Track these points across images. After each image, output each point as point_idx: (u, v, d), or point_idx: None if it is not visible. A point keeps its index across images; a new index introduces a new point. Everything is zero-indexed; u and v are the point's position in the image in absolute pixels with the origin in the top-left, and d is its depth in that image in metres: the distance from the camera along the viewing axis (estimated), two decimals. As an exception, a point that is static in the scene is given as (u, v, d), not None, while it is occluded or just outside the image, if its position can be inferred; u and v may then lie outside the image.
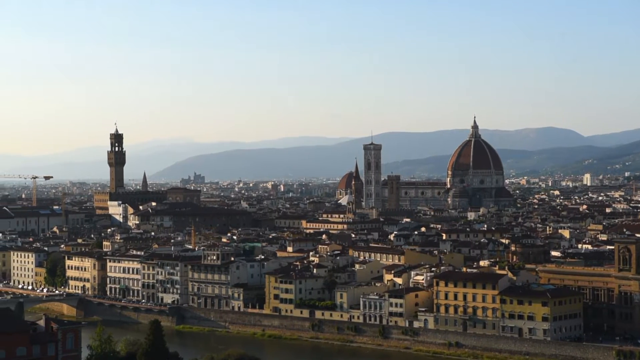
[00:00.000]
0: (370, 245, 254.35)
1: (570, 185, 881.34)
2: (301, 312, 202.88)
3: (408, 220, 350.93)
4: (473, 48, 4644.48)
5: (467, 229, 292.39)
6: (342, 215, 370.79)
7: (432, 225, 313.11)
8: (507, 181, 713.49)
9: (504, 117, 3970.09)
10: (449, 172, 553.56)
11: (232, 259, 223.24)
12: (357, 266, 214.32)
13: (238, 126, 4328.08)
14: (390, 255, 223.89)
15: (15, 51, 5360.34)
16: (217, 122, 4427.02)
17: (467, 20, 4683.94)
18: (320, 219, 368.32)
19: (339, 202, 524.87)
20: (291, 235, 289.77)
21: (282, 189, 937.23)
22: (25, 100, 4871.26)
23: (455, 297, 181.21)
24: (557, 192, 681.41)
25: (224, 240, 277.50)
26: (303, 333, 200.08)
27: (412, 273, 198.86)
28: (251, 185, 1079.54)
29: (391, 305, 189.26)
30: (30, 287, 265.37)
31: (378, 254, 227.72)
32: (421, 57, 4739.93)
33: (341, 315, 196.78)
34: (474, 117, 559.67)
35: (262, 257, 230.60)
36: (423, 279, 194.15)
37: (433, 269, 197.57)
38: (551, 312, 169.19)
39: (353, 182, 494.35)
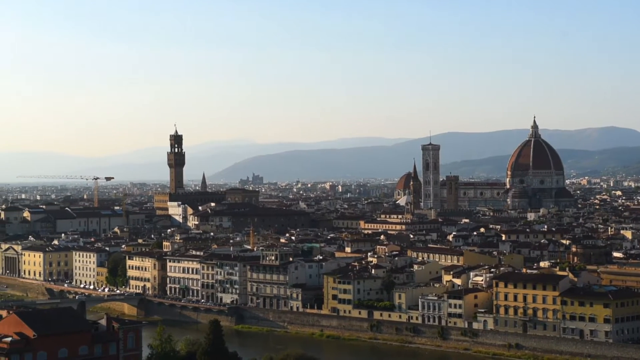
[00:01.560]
0: (429, 246, 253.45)
1: (633, 186, 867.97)
2: (359, 313, 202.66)
3: (467, 220, 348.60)
4: (533, 48, 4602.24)
5: (527, 230, 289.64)
6: (400, 216, 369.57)
7: (491, 226, 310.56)
8: (567, 181, 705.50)
9: (564, 116, 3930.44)
10: (509, 173, 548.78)
11: (291, 259, 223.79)
12: (415, 267, 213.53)
13: (297, 127, 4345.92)
14: (449, 256, 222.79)
15: (80, 54, 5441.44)
16: (276, 123, 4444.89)
17: (527, 20, 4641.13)
18: (378, 219, 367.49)
19: (397, 202, 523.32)
20: (349, 236, 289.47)
21: (340, 190, 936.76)
22: (87, 102, 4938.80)
23: (515, 299, 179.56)
24: (619, 193, 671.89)
25: (282, 240, 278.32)
26: (361, 334, 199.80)
27: (471, 274, 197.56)
28: (309, 186, 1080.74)
29: (450, 306, 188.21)
30: (91, 287, 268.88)
31: (437, 255, 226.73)
32: (481, 57, 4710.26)
33: (400, 316, 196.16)
34: (534, 117, 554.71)
35: (321, 257, 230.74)
36: (482, 280, 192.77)
37: (492, 270, 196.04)
38: (613, 313, 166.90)
39: (411, 183, 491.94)
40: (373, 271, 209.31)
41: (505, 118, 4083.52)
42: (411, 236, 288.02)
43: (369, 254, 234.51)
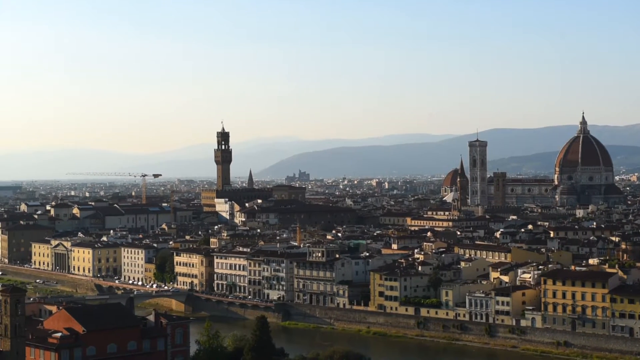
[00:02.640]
0: (476, 242, 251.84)
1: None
2: (406, 310, 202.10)
3: (514, 217, 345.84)
4: (581, 43, 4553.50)
5: (576, 227, 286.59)
6: (447, 213, 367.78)
7: (539, 223, 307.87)
8: (617, 178, 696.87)
9: (613, 112, 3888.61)
10: (557, 169, 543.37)
11: (337, 256, 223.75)
12: (462, 264, 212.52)
13: (343, 124, 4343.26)
14: (497, 253, 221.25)
15: (129, 51, 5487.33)
16: (323, 119, 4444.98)
17: (576, 14, 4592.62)
18: (425, 216, 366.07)
19: (444, 199, 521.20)
20: (396, 233, 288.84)
21: (386, 186, 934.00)
22: (136, 100, 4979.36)
23: (564, 296, 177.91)
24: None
25: (328, 237, 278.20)
26: (408, 331, 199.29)
27: (519, 271, 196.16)
28: (356, 182, 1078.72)
29: (498, 304, 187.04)
30: (140, 283, 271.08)
31: (484, 252, 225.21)
32: (528, 53, 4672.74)
33: (447, 313, 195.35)
34: (583, 113, 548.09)
35: (367, 254, 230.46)
36: (530, 277, 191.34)
37: (540, 267, 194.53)
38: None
39: (458, 179, 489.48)
40: (420, 268, 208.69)
41: (554, 114, 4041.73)
42: (458, 233, 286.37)
43: (416, 250, 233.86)
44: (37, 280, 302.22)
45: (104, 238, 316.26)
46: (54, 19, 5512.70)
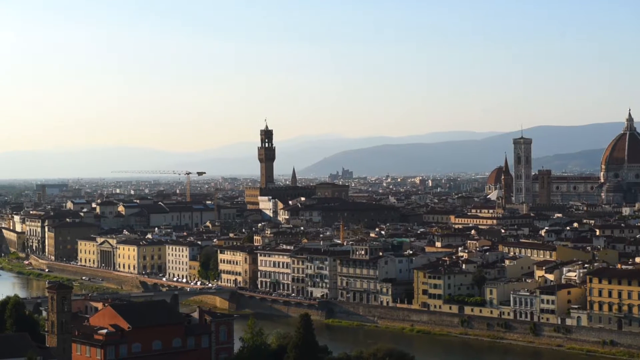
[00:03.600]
0: (521, 240, 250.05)
1: None
2: (450, 308, 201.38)
3: (559, 215, 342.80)
4: (627, 39, 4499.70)
5: (622, 225, 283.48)
6: (491, 211, 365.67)
7: (584, 221, 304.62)
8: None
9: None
10: (603, 166, 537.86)
11: (381, 253, 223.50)
12: (507, 262, 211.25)
13: (386, 121, 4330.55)
14: (541, 251, 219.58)
15: (174, 50, 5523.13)
16: (366, 117, 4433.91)
17: (621, 11, 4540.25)
18: (469, 214, 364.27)
19: (488, 197, 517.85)
20: (439, 231, 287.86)
21: (430, 184, 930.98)
22: (179, 98, 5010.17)
23: (610, 295, 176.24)
24: None
25: (372, 235, 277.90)
26: (452, 329, 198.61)
27: (564, 269, 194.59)
28: (399, 180, 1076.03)
29: (542, 302, 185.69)
30: (184, 280, 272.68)
31: (528, 250, 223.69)
32: (573, 49, 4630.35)
33: (491, 312, 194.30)
34: (629, 110, 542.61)
35: (411, 252, 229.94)
36: (575, 276, 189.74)
37: (586, 265, 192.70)
38: None
39: (502, 177, 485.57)
40: (464, 266, 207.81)
41: (599, 111, 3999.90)
42: (502, 231, 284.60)
43: (460, 248, 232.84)
44: (83, 278, 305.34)
45: (149, 235, 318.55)
46: (104, 18, 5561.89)
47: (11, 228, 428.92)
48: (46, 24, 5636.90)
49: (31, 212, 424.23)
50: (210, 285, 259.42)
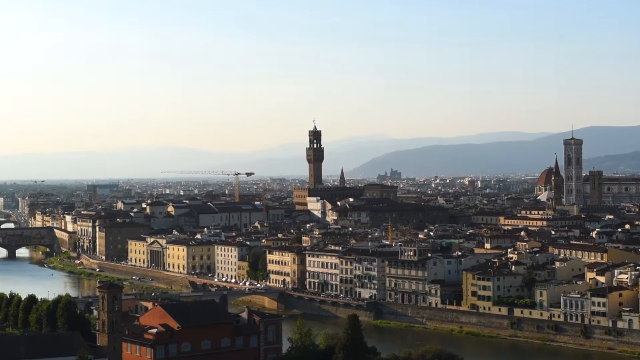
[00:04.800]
0: (571, 242, 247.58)
1: None
2: (499, 310, 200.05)
3: (611, 217, 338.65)
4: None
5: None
6: (541, 212, 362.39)
7: (637, 223, 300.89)
8: None
9: None
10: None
11: (429, 255, 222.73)
12: (557, 264, 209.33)
13: (435, 122, 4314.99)
14: (592, 253, 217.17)
15: (222, 50, 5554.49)
16: (414, 118, 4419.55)
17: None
18: (518, 215, 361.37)
19: (538, 198, 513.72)
20: (489, 232, 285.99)
21: (479, 185, 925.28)
22: (230, 98, 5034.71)
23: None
24: None
25: (420, 236, 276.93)
26: (501, 331, 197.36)
27: (616, 272, 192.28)
28: (448, 181, 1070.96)
29: (593, 305, 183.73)
30: (233, 280, 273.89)
31: (579, 252, 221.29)
32: (625, 49, 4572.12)
33: (541, 314, 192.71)
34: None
35: (459, 253, 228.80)
36: (627, 278, 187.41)
37: (638, 267, 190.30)
38: None
39: (553, 178, 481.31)
40: (513, 268, 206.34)
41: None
42: (553, 232, 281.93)
43: (509, 250, 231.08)
44: (133, 277, 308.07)
45: (198, 236, 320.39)
46: (155, 19, 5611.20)
47: (63, 228, 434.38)
48: (95, 26, 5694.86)
49: (82, 212, 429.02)
50: (258, 285, 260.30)
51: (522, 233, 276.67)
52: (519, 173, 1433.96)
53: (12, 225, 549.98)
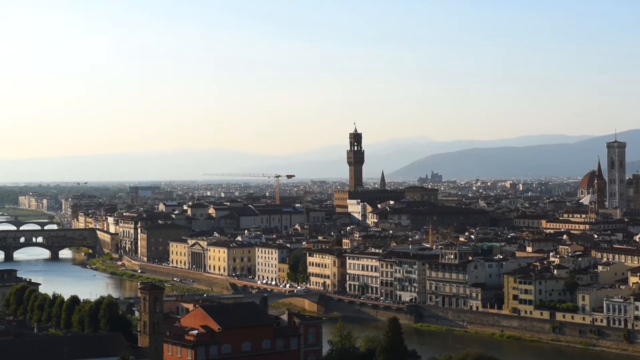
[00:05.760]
0: (614, 246, 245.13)
1: None
2: (541, 314, 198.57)
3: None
4: None
5: None
6: (583, 215, 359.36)
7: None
8: None
9: None
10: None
11: (470, 258, 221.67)
12: (600, 268, 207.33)
13: (476, 124, 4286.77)
14: (636, 257, 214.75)
15: (264, 53, 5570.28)
16: (455, 120, 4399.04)
17: None
18: (560, 218, 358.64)
19: (580, 201, 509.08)
20: (530, 235, 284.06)
21: (521, 188, 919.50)
22: (271, 101, 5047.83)
23: None
24: None
25: (461, 239, 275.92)
26: (543, 335, 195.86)
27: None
28: (489, 184, 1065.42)
29: (637, 309, 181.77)
30: (273, 283, 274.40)
31: (622, 256, 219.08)
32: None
33: (583, 318, 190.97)
34: None
35: (501, 256, 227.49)
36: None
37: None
38: None
39: (595, 181, 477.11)
40: (555, 271, 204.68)
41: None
42: (595, 236, 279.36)
43: (551, 253, 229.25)
44: (175, 279, 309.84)
45: (239, 238, 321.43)
46: (198, 21, 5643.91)
47: (105, 229, 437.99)
48: (138, 28, 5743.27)
49: (124, 213, 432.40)
50: (298, 287, 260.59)
51: (565, 236, 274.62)
52: (561, 176, 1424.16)
53: (55, 227, 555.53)
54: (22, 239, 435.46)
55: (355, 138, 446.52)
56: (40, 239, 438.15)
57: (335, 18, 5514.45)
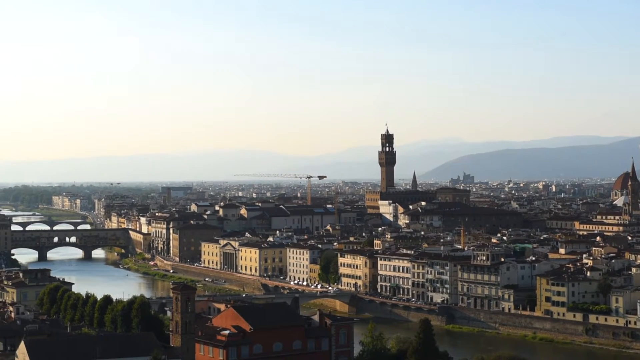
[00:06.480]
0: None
1: None
2: (574, 316, 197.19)
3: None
4: None
5: None
6: (617, 217, 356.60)
7: None
8: None
9: None
10: None
11: (502, 259, 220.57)
12: (633, 270, 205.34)
13: (508, 125, 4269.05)
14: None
15: (296, 54, 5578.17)
16: (487, 121, 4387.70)
17: None
18: (594, 220, 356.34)
19: (614, 203, 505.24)
20: (563, 237, 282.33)
21: (553, 189, 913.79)
22: (303, 102, 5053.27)
23: None
24: None
25: (493, 240, 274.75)
26: (576, 337, 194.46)
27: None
28: (521, 185, 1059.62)
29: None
30: (304, 283, 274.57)
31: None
32: None
33: (617, 320, 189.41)
34: None
35: (533, 258, 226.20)
36: None
37: None
38: None
39: (629, 183, 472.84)
40: (588, 273, 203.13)
41: None
42: (629, 238, 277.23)
43: (584, 255, 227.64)
44: (206, 279, 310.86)
45: (270, 238, 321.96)
46: (231, 23, 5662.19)
47: (138, 229, 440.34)
48: (170, 29, 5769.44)
49: (157, 214, 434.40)
50: (330, 288, 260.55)
51: (598, 238, 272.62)
52: (595, 177, 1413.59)
53: (88, 227, 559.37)
54: (55, 239, 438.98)
55: (387, 139, 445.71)
56: (73, 239, 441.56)
57: (367, 19, 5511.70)
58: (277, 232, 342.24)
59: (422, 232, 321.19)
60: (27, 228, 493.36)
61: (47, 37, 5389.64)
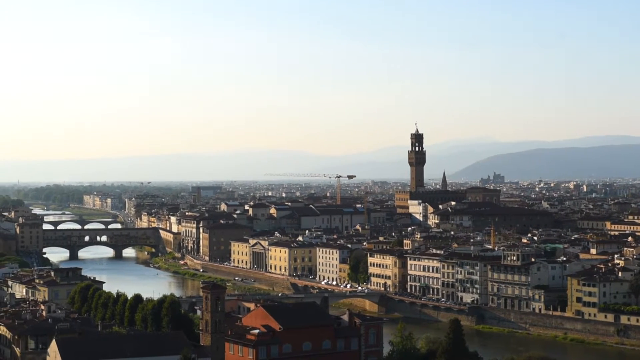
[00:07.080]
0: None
1: None
2: (605, 317, 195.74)
3: None
4: None
5: None
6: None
7: None
8: None
9: None
10: None
11: (533, 260, 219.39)
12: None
13: (539, 125, 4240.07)
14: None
15: (326, 54, 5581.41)
16: (518, 120, 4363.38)
17: None
18: (625, 220, 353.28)
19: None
20: (594, 237, 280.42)
21: (584, 189, 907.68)
22: (332, 102, 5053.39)
23: None
24: None
25: (524, 240, 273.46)
26: (607, 338, 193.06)
27: None
28: (552, 185, 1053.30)
29: None
30: (334, 283, 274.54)
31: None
32: None
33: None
34: None
35: (564, 258, 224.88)
36: None
37: None
38: None
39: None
40: (620, 274, 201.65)
41: None
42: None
43: (616, 256, 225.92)
44: (236, 278, 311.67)
45: (300, 238, 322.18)
46: (262, 23, 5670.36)
47: (168, 229, 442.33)
48: (201, 29, 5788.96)
49: (187, 213, 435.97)
50: (359, 288, 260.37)
51: (630, 238, 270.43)
52: (626, 177, 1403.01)
53: (119, 226, 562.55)
54: (86, 238, 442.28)
55: (417, 138, 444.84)
56: (104, 238, 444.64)
57: (397, 19, 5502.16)
58: (307, 231, 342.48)
59: (452, 232, 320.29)
60: (59, 227, 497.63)
61: (80, 37, 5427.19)
